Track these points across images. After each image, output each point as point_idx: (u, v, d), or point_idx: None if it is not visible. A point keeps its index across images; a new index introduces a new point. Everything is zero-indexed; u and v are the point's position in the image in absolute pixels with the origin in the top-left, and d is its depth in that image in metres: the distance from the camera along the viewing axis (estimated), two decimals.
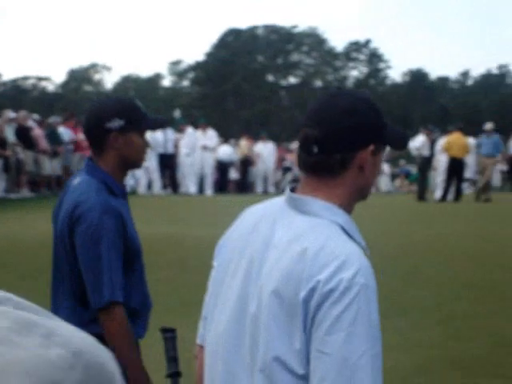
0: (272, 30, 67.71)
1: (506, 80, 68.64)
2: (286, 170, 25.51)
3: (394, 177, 27.56)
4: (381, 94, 64.40)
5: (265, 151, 23.47)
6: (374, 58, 67.82)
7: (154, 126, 3.18)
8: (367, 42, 67.71)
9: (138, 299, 3.00)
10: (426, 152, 19.38)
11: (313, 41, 67.49)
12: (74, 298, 2.96)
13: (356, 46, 67.78)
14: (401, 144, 2.01)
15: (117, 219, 2.89)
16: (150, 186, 20.53)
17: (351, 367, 1.71)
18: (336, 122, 1.86)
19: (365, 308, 1.74)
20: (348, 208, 1.93)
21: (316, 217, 1.87)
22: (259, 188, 23.37)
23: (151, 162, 19.44)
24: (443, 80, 68.99)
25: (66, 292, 2.99)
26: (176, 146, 20.57)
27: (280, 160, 25.45)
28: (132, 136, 2.98)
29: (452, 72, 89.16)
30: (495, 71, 69.05)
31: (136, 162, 3.06)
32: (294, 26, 67.47)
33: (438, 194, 19.05)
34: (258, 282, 1.86)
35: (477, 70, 75.67)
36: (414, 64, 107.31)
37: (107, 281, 2.84)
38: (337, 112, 1.87)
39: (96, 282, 2.84)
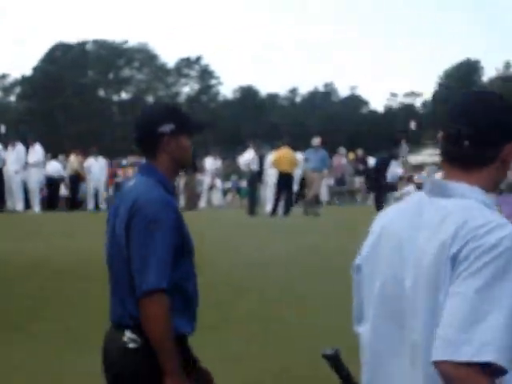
0: (102, 44, 66.98)
1: (332, 98, 71.29)
2: (119, 185, 25.21)
3: (225, 192, 27.88)
4: (213, 110, 65.10)
5: (96, 167, 23.09)
6: (206, 74, 68.54)
7: (200, 128, 3.43)
8: (198, 58, 68.37)
9: (193, 288, 3.11)
10: (255, 167, 19.76)
11: (144, 56, 67.35)
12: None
13: (187, 63, 68.24)
14: None
15: (176, 215, 3.04)
16: None
17: (480, 314, 1.82)
18: (489, 119, 2.03)
19: (506, 268, 1.86)
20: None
21: (462, 198, 2.00)
22: (90, 204, 22.97)
23: None
24: (273, 97, 70.70)
25: (132, 292, 2.99)
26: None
27: (112, 176, 25.13)
28: (182, 139, 3.16)
29: (281, 89, 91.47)
30: (322, 89, 71.58)
31: (186, 163, 3.25)
32: (125, 42, 67.10)
33: (269, 208, 19.43)
34: (411, 257, 1.98)
35: (305, 88, 78.06)
36: (244, 81, 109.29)
37: (155, 268, 2.92)
38: (488, 109, 2.04)
39: (144, 268, 2.93)
